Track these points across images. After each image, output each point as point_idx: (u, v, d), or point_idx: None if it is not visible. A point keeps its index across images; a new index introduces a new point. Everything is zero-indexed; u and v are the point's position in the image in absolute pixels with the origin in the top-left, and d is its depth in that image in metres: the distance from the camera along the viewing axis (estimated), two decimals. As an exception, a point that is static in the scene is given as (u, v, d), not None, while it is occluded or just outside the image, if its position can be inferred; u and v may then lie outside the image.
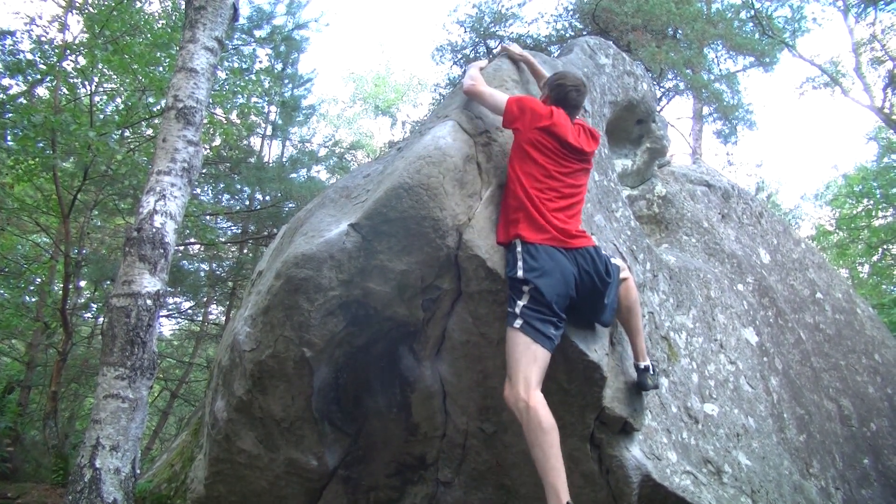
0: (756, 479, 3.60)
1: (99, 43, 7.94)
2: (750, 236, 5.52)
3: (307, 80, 14.80)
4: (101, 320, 11.68)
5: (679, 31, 12.67)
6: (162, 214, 3.46)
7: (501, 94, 2.99)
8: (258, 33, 13.28)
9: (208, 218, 11.52)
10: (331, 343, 3.06)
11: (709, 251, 4.91)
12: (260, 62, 12.81)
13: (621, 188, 4.47)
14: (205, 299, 13.50)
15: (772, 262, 5.49)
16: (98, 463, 3.00)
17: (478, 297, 2.87)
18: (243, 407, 3.28)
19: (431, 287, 2.93)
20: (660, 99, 13.39)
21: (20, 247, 11.96)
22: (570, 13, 13.64)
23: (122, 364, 3.17)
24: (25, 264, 11.24)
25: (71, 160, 9.62)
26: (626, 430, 2.96)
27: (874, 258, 16.26)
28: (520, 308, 2.57)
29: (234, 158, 12.46)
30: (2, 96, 7.33)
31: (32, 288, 11.50)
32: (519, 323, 2.55)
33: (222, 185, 12.06)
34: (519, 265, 2.61)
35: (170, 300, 12.20)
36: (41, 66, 7.93)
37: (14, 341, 13.02)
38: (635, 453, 2.97)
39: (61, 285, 8.96)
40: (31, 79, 8.10)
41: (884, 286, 16.15)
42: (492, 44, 13.77)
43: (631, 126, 5.11)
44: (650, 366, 2.97)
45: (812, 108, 48.78)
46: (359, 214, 2.91)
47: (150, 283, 3.34)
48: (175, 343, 15.95)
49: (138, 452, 3.21)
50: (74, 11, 9.15)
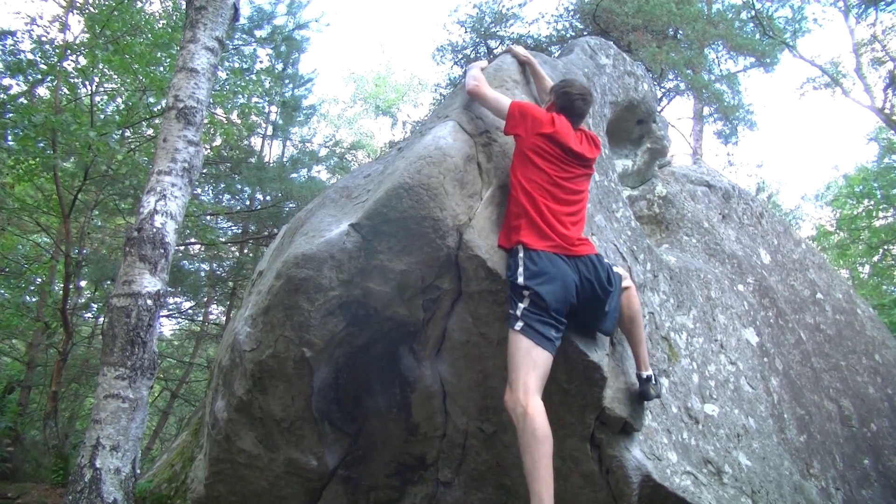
0: (756, 479, 3.60)
1: (99, 43, 7.94)
2: (750, 237, 5.52)
3: (308, 80, 14.80)
4: (101, 320, 11.68)
5: (680, 32, 12.67)
6: (162, 214, 3.46)
7: (505, 98, 2.98)
8: (259, 33, 13.29)
9: (209, 218, 11.53)
10: (331, 343, 3.06)
11: (709, 251, 4.91)
12: (260, 62, 12.84)
13: (622, 188, 4.47)
14: (205, 299, 13.50)
15: (772, 263, 5.49)
16: (98, 463, 3.00)
17: (478, 298, 2.86)
18: (243, 407, 3.28)
19: (431, 287, 2.93)
20: (660, 99, 13.39)
21: (21, 247, 11.97)
22: (571, 13, 13.64)
23: (122, 364, 3.17)
24: (26, 264, 11.25)
25: (71, 160, 9.62)
26: (627, 430, 2.96)
27: (875, 259, 16.26)
28: (520, 310, 2.57)
29: (234, 158, 12.46)
30: (2, 96, 7.34)
31: (33, 288, 11.50)
32: (520, 325, 2.55)
33: (223, 185, 12.06)
34: (520, 271, 2.61)
35: (170, 300, 12.21)
36: (42, 66, 7.93)
37: (14, 341, 13.03)
38: (635, 454, 2.97)
39: (62, 285, 8.97)
40: (31, 79, 8.10)
41: (884, 287, 16.14)
42: (492, 44, 13.78)
43: (631, 126, 5.11)
44: (652, 375, 2.96)
45: (813, 108, 48.79)
46: (359, 214, 2.91)
47: (150, 283, 3.34)
48: (175, 343, 15.95)
49: (138, 452, 3.21)
50: (75, 11, 9.16)
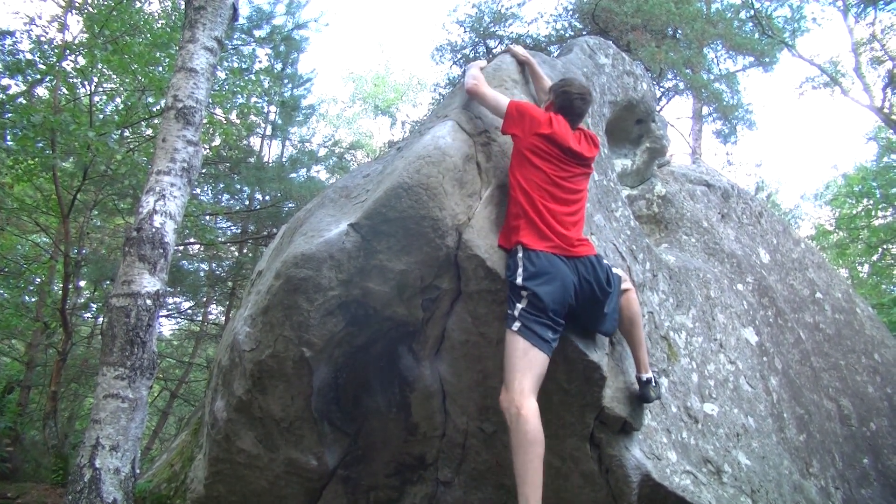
0: (756, 478, 3.60)
1: (98, 43, 7.93)
2: (749, 236, 5.52)
3: (307, 79, 14.80)
4: (100, 320, 11.68)
5: (679, 31, 12.67)
6: (161, 214, 3.46)
7: (503, 97, 2.97)
8: (258, 33, 13.29)
9: (208, 218, 11.52)
10: (330, 343, 3.06)
11: (708, 251, 4.91)
12: (259, 62, 12.83)
13: (621, 188, 4.47)
14: (204, 299, 13.50)
15: (771, 262, 5.49)
16: (98, 463, 3.00)
17: (477, 297, 2.87)
18: (243, 407, 3.28)
19: (431, 287, 2.93)
20: (659, 99, 13.39)
21: (20, 247, 11.96)
22: (570, 13, 13.63)
23: (121, 364, 3.17)
24: (25, 264, 11.24)
25: (70, 160, 9.62)
26: (626, 429, 2.96)
27: (874, 258, 16.28)
28: (518, 311, 2.57)
29: (233, 158, 12.45)
30: (1, 96, 7.33)
31: (32, 288, 11.50)
32: (517, 326, 2.55)
33: (222, 185, 12.06)
34: (519, 272, 2.61)
35: (169, 300, 12.20)
36: (41, 66, 7.93)
37: (14, 341, 13.02)
38: (635, 453, 2.97)
39: (61, 285, 8.96)
40: (30, 79, 8.09)
41: (883, 286, 16.16)
42: (491, 44, 13.78)
43: (630, 126, 5.11)
44: (652, 378, 2.96)
45: (812, 107, 48.83)
46: (358, 214, 2.91)
47: (149, 282, 3.34)
48: (175, 343, 15.95)
49: (138, 452, 3.21)
50: (74, 11, 9.15)
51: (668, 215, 5.07)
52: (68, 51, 8.23)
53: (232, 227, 13.00)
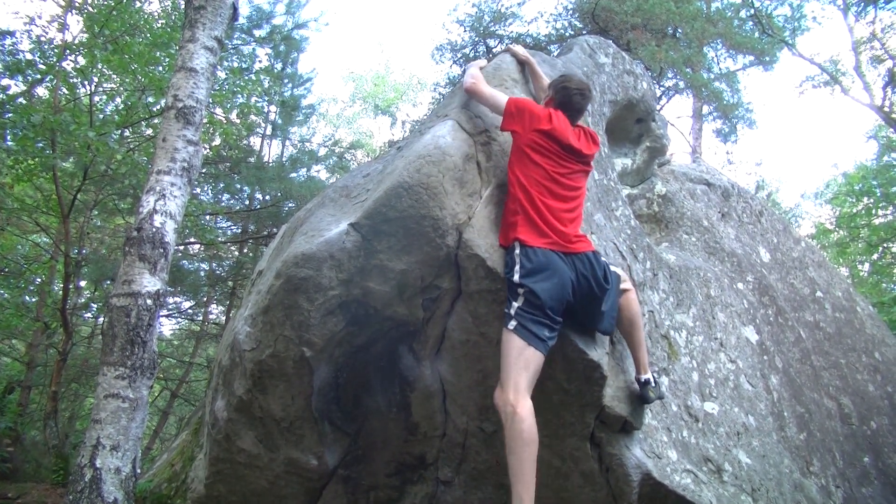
0: (756, 477, 3.60)
1: (98, 43, 7.94)
2: (750, 235, 5.52)
3: (307, 79, 14.80)
4: (101, 320, 11.69)
5: (679, 30, 12.67)
6: (162, 214, 3.46)
7: (502, 94, 2.97)
8: (258, 33, 13.28)
9: (208, 217, 11.53)
10: (330, 342, 3.06)
11: (709, 250, 4.91)
12: (259, 62, 12.82)
13: (621, 187, 4.47)
14: (205, 299, 13.50)
15: (772, 261, 5.49)
16: (98, 463, 3.01)
17: (477, 297, 2.86)
18: (243, 406, 3.28)
19: (431, 286, 2.93)
20: (659, 98, 13.39)
21: (20, 247, 11.97)
22: (570, 12, 13.63)
23: (122, 364, 3.17)
24: (25, 264, 11.25)
25: (71, 160, 9.62)
26: (626, 428, 2.96)
27: (874, 256, 16.28)
28: (514, 309, 2.57)
29: (233, 158, 12.45)
30: (1, 96, 7.33)
31: (32, 288, 11.50)
32: (513, 324, 2.55)
33: (222, 185, 12.06)
34: (516, 269, 2.61)
35: (170, 300, 12.21)
36: (41, 66, 7.93)
37: (14, 341, 13.03)
38: (635, 452, 2.97)
39: (61, 285, 8.97)
40: (30, 79, 8.10)
41: (884, 284, 16.15)
42: (491, 43, 13.78)
43: (631, 125, 5.11)
44: (651, 378, 2.95)
45: (812, 106, 48.74)
46: (359, 214, 2.90)
47: (150, 282, 3.34)
48: (175, 343, 15.96)
49: (139, 452, 3.21)
50: (74, 11, 9.14)
51: (669, 214, 5.07)
52: (68, 51, 8.23)
53: (232, 227, 13.00)
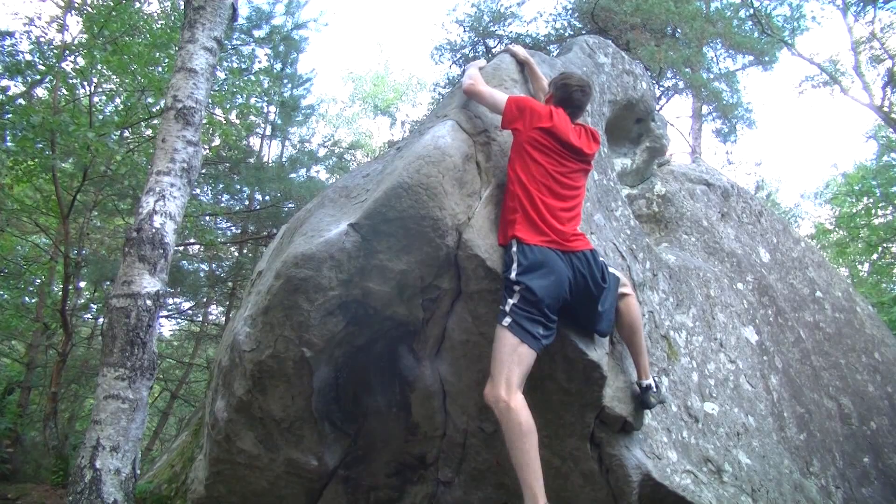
0: (756, 477, 3.60)
1: (98, 43, 7.94)
2: (749, 235, 5.52)
3: (306, 79, 14.79)
4: (100, 321, 11.68)
5: (678, 30, 12.67)
6: (161, 215, 3.46)
7: (500, 93, 2.97)
8: (257, 33, 13.27)
9: (208, 218, 11.53)
10: (330, 343, 3.06)
11: (708, 250, 4.91)
12: (259, 62, 12.81)
13: (620, 187, 4.47)
14: (204, 300, 13.50)
15: (771, 261, 5.49)
16: (98, 464, 3.01)
17: (477, 297, 2.86)
18: (243, 407, 3.28)
19: (431, 287, 2.93)
20: (659, 98, 13.38)
21: (20, 248, 11.97)
22: (569, 12, 13.63)
23: (122, 365, 3.17)
24: (25, 265, 11.25)
25: (70, 161, 9.62)
26: (626, 429, 2.96)
27: (874, 257, 16.27)
28: (509, 306, 2.57)
29: (233, 158, 12.44)
30: (1, 97, 7.33)
31: (32, 289, 11.49)
32: (507, 321, 2.55)
33: (222, 186, 12.05)
34: (514, 267, 2.61)
35: (169, 300, 12.21)
36: (40, 67, 7.93)
37: (14, 342, 13.02)
38: (635, 452, 2.97)
39: (61, 286, 8.96)
40: (30, 79, 8.10)
41: (883, 284, 16.14)
42: (491, 43, 13.78)
43: (630, 125, 5.11)
44: (653, 384, 2.95)
45: (811, 106, 48.76)
46: (358, 214, 2.90)
47: (149, 283, 3.34)
48: (175, 343, 15.96)
49: (138, 453, 3.21)
50: (73, 12, 9.14)
51: (668, 214, 5.06)
52: (67, 51, 8.23)
53: (232, 228, 13.00)
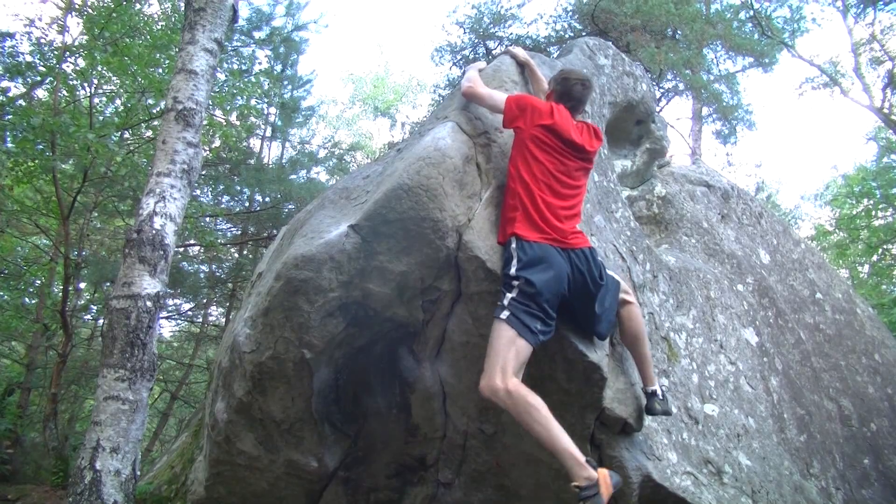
0: (756, 479, 3.60)
1: (98, 45, 7.95)
2: (750, 236, 5.52)
3: (306, 81, 14.80)
4: (100, 322, 11.68)
5: (678, 32, 12.67)
6: (162, 216, 3.47)
7: (500, 94, 2.98)
8: (257, 35, 13.28)
9: (208, 219, 11.53)
10: (330, 344, 3.06)
11: (708, 252, 4.91)
12: (259, 64, 12.83)
13: (621, 189, 4.47)
14: (204, 301, 13.49)
15: (771, 263, 5.49)
16: (98, 465, 3.01)
17: (477, 299, 2.87)
18: (243, 408, 3.28)
19: (431, 288, 2.93)
20: (659, 99, 13.39)
21: (20, 249, 11.96)
22: (570, 14, 13.63)
23: (122, 366, 3.17)
24: (25, 266, 11.24)
25: (70, 162, 9.62)
26: (627, 430, 2.96)
27: (874, 258, 16.25)
28: (508, 300, 2.56)
29: (233, 160, 12.44)
30: (1, 98, 7.34)
31: (32, 290, 11.50)
32: (505, 314, 2.54)
33: (222, 187, 12.05)
34: (513, 263, 2.61)
35: (169, 302, 12.21)
36: (40, 68, 7.94)
37: (14, 343, 13.02)
38: (636, 454, 2.97)
39: (61, 287, 8.96)
40: (30, 81, 8.11)
41: (883, 286, 16.13)
42: (491, 44, 13.78)
43: (630, 127, 5.11)
44: (659, 390, 2.94)
45: (811, 108, 48.71)
46: (358, 216, 2.91)
47: (149, 284, 3.34)
48: (175, 345, 15.95)
49: (138, 454, 3.21)
50: (74, 13, 9.15)
51: (668, 216, 5.06)
52: (68, 53, 8.25)
53: (232, 229, 13.00)
